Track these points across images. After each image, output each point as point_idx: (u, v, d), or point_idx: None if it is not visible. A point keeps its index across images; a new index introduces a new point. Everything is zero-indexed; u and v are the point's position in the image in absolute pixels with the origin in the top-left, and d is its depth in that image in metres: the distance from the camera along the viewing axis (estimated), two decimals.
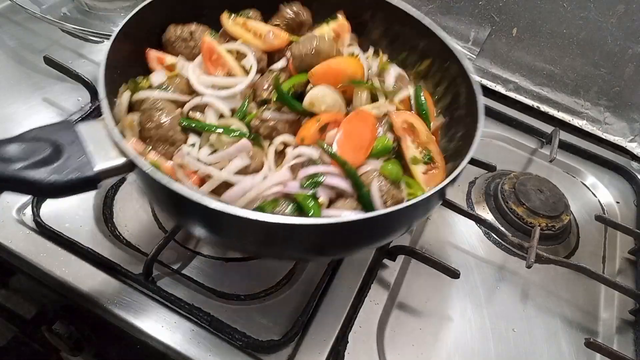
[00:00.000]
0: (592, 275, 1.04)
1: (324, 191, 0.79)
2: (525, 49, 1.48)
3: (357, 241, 0.78)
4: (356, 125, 0.87)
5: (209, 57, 0.93)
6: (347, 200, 0.80)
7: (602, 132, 1.53)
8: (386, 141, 0.86)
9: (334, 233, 0.70)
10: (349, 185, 0.80)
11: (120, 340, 0.98)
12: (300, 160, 0.82)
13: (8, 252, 0.91)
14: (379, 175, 0.81)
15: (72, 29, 1.26)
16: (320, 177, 0.79)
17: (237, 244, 0.85)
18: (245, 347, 0.85)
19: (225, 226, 0.72)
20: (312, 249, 0.78)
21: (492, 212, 1.20)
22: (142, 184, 0.75)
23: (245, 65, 0.93)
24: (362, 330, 0.92)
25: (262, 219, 0.64)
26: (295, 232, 0.68)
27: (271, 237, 0.72)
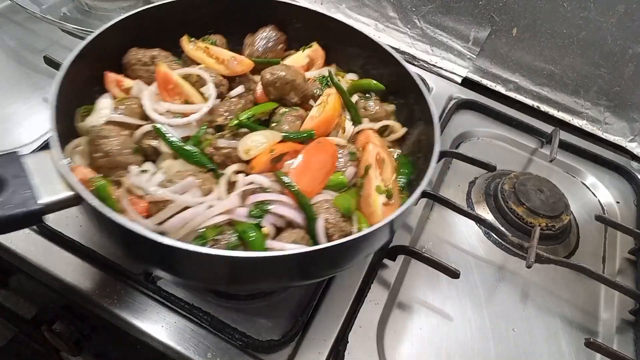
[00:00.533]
0: (592, 275, 1.04)
1: (272, 220, 0.79)
2: (525, 49, 1.48)
3: (294, 274, 0.77)
4: (316, 154, 0.87)
5: (164, 86, 0.91)
6: (295, 231, 0.79)
7: (602, 132, 1.53)
8: (340, 177, 0.87)
9: (261, 266, 0.69)
10: (299, 215, 0.80)
11: (120, 340, 0.98)
12: (251, 187, 0.81)
13: (8, 252, 0.91)
14: (329, 207, 0.81)
15: (72, 29, 1.26)
16: (269, 206, 0.79)
17: (179, 276, 0.82)
18: (245, 347, 0.85)
19: (165, 258, 0.71)
20: (252, 281, 0.76)
21: (492, 212, 1.20)
22: (88, 216, 0.73)
23: (205, 92, 0.92)
24: (362, 330, 0.92)
25: (186, 248, 0.63)
26: (217, 263, 0.67)
27: (203, 268, 0.71)
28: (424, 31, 1.58)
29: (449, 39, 1.57)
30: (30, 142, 1.08)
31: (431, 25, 1.57)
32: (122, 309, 0.87)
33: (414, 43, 1.62)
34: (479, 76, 1.59)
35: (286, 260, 0.68)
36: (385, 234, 0.81)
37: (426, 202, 1.17)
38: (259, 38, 1.05)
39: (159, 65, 0.92)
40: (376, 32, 1.64)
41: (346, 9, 1.65)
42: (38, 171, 0.69)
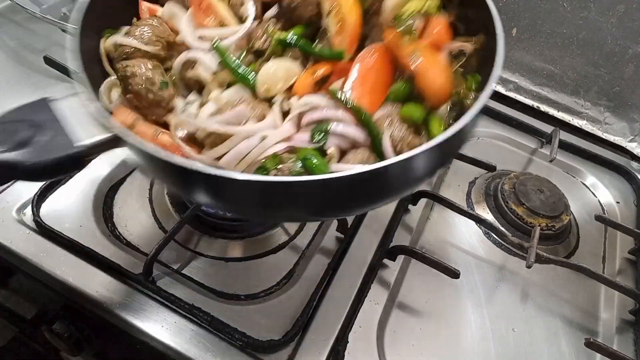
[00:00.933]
0: (592, 275, 1.04)
1: (335, 141, 0.72)
2: (525, 49, 1.48)
3: (368, 196, 0.69)
4: (372, 63, 0.77)
5: (198, 4, 0.84)
6: (360, 151, 0.72)
7: (602, 132, 1.53)
8: (402, 88, 0.77)
9: (336, 189, 0.63)
10: (361, 133, 0.72)
11: (120, 340, 0.98)
12: (307, 109, 0.74)
13: (8, 252, 0.91)
14: (393, 120, 0.73)
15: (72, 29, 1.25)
16: (328, 125, 0.72)
17: (243, 209, 0.77)
18: (245, 347, 0.85)
19: (224, 191, 0.67)
20: (329, 206, 0.71)
21: (492, 212, 1.20)
22: (135, 156, 0.69)
23: (243, 12, 0.84)
24: (362, 330, 0.92)
25: (251, 179, 0.59)
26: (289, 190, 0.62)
27: (269, 197, 0.66)
28: None
29: None
30: None
31: None
32: (122, 309, 0.87)
33: None
34: None
35: (354, 179, 0.61)
36: (460, 142, 0.75)
37: (426, 202, 1.17)
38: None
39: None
40: None
41: None
42: (72, 116, 0.67)
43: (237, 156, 0.69)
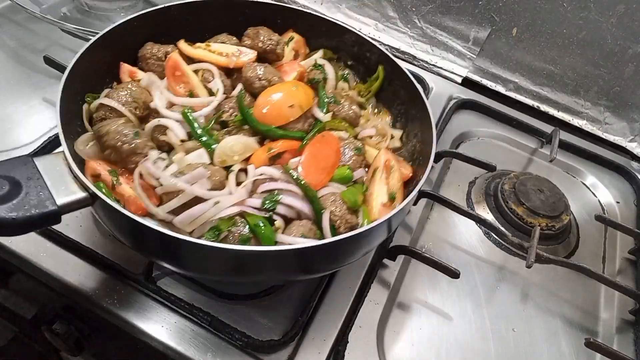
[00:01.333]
0: (592, 275, 1.04)
1: (282, 210, 0.81)
2: (525, 49, 1.48)
3: (300, 268, 0.80)
4: (321, 148, 0.89)
5: (172, 72, 0.96)
6: (303, 223, 0.81)
7: (602, 132, 1.53)
8: (346, 171, 0.89)
9: (268, 260, 0.72)
10: (307, 206, 0.82)
11: (120, 340, 0.98)
12: (261, 178, 0.83)
13: (8, 252, 0.91)
14: (335, 200, 0.83)
15: (72, 29, 1.26)
16: (279, 196, 0.81)
17: (185, 269, 0.85)
18: (245, 347, 0.85)
19: (175, 251, 0.73)
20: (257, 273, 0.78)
21: (492, 212, 1.20)
22: (102, 214, 0.75)
23: (212, 87, 0.96)
24: (362, 330, 0.92)
25: (194, 242, 0.66)
26: (224, 256, 0.70)
27: (210, 260, 0.74)
28: (424, 31, 1.58)
29: (449, 39, 1.57)
30: (31, 142, 1.08)
31: (431, 25, 1.57)
32: (122, 309, 0.87)
33: (414, 43, 1.62)
34: (479, 76, 1.59)
35: (293, 254, 0.70)
36: (384, 231, 0.83)
37: (426, 202, 1.17)
38: (262, 34, 1.06)
39: (172, 53, 0.98)
40: (376, 32, 1.64)
41: (346, 9, 1.65)
42: (51, 173, 0.71)
43: (190, 218, 0.77)
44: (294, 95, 0.92)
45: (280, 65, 1.08)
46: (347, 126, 0.99)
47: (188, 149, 0.88)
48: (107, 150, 0.82)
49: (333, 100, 1.00)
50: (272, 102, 0.91)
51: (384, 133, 1.04)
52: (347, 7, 1.64)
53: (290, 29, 1.15)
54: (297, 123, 0.93)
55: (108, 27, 0.94)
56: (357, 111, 1.02)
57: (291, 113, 0.91)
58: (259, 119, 0.91)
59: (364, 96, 1.10)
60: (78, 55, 0.87)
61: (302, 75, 1.06)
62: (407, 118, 1.06)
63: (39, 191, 0.68)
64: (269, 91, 0.94)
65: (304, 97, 0.94)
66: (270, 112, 0.91)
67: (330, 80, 1.07)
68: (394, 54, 1.62)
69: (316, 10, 1.67)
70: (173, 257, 0.77)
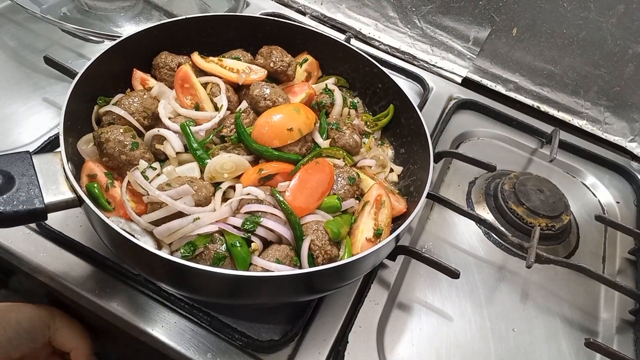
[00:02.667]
0: (592, 275, 1.04)
1: (262, 233, 0.81)
2: (525, 49, 1.48)
3: (269, 294, 0.78)
4: (313, 174, 0.89)
5: (181, 84, 0.98)
6: (281, 247, 0.80)
7: (602, 132, 1.53)
8: (335, 201, 0.88)
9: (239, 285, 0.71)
10: (288, 231, 0.82)
11: (120, 340, 0.98)
12: (247, 198, 0.83)
13: (8, 252, 0.91)
14: (317, 229, 0.82)
15: (72, 29, 1.26)
16: (260, 218, 0.80)
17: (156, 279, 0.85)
18: (245, 347, 0.85)
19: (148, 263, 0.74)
20: (225, 295, 0.79)
21: (492, 212, 1.20)
22: (88, 217, 0.77)
23: (217, 102, 0.97)
24: (362, 330, 0.92)
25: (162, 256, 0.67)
26: (186, 275, 0.70)
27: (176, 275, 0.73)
28: (424, 31, 1.58)
29: (449, 39, 1.57)
30: (30, 142, 1.08)
31: (431, 25, 1.57)
32: (122, 308, 0.87)
33: (414, 43, 1.62)
34: (479, 76, 1.59)
35: (258, 281, 0.70)
36: (362, 267, 0.81)
37: (426, 202, 1.17)
38: (275, 55, 1.06)
39: (183, 65, 1.00)
40: (376, 32, 1.64)
41: (346, 9, 1.65)
42: (46, 171, 0.73)
43: (168, 231, 0.77)
44: (294, 118, 0.91)
45: (291, 86, 1.08)
46: (344, 154, 0.97)
47: (182, 160, 0.89)
48: (104, 157, 0.84)
49: (335, 127, 0.99)
50: (271, 123, 0.91)
51: (384, 164, 1.03)
52: (347, 7, 1.64)
53: (305, 51, 1.15)
54: (294, 146, 0.92)
55: (128, 34, 0.97)
56: (357, 140, 1.00)
57: (289, 136, 0.90)
58: (257, 139, 0.90)
59: (370, 127, 1.09)
60: (93, 60, 0.89)
61: (311, 98, 1.05)
62: (409, 154, 1.05)
63: (30, 188, 0.70)
64: (271, 112, 0.93)
65: (305, 121, 0.92)
66: (269, 132, 0.90)
67: (337, 106, 1.05)
68: (394, 53, 1.62)
69: (316, 11, 1.67)
70: (144, 266, 0.77)
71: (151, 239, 0.79)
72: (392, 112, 1.07)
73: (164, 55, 1.03)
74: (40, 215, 0.70)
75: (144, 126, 0.92)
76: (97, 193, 0.80)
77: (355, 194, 0.93)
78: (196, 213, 0.78)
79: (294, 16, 1.61)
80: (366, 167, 1.01)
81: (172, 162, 0.89)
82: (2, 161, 0.71)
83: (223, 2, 1.60)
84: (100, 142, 0.83)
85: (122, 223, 0.80)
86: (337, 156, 0.96)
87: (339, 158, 0.96)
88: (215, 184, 0.86)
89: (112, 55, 0.93)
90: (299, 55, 1.15)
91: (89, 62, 0.88)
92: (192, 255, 0.76)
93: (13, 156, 0.73)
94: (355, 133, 1.00)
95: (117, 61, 0.96)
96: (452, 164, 1.31)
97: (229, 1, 1.60)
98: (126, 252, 0.75)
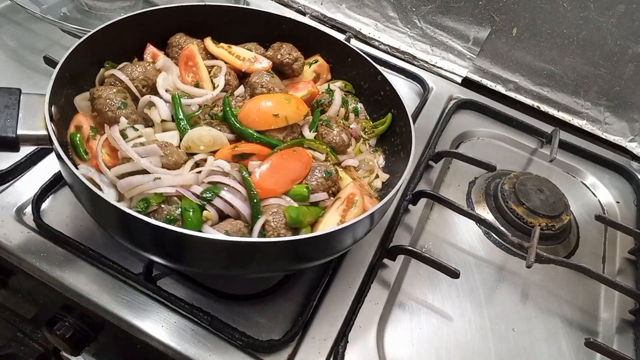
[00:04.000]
0: (592, 275, 1.04)
1: (220, 205, 0.80)
2: (525, 49, 1.49)
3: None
4: (288, 160, 0.88)
5: (185, 61, 1.02)
6: (236, 222, 0.80)
7: (602, 132, 1.53)
8: (303, 189, 0.87)
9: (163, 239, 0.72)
10: (246, 208, 0.82)
11: (120, 340, 0.98)
12: (215, 169, 0.83)
13: (8, 252, 0.91)
14: (277, 211, 0.81)
15: (72, 29, 1.26)
16: (221, 190, 0.80)
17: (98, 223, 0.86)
18: (245, 347, 0.85)
19: (95, 205, 0.77)
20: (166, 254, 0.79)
21: (492, 212, 1.20)
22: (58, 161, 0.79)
23: (215, 82, 1.01)
24: (362, 330, 0.92)
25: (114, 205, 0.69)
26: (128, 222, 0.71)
27: (120, 222, 0.75)
28: (424, 31, 1.58)
29: (449, 38, 1.57)
30: None
31: (431, 25, 1.57)
32: (122, 309, 0.87)
33: (414, 43, 1.62)
34: (479, 76, 1.59)
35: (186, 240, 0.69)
36: (288, 251, 0.79)
37: (426, 202, 1.17)
38: (284, 48, 1.08)
39: (190, 44, 1.03)
40: (376, 32, 1.64)
41: (346, 9, 1.65)
42: (29, 108, 0.79)
43: (129, 185, 0.80)
44: (283, 106, 0.92)
45: (297, 82, 1.09)
46: (328, 150, 0.96)
47: (166, 128, 0.92)
48: (94, 112, 0.89)
49: (325, 124, 0.99)
50: (258, 107, 0.92)
51: (372, 169, 1.02)
52: (347, 7, 1.64)
53: (318, 53, 1.16)
54: (279, 132, 0.92)
55: (154, 8, 1.02)
56: (344, 139, 0.99)
57: (274, 121, 0.91)
58: (242, 120, 0.92)
59: (367, 133, 1.08)
60: (110, 22, 0.94)
61: (312, 96, 1.05)
62: (396, 164, 1.03)
63: (8, 119, 0.77)
64: (262, 97, 0.95)
65: (294, 110, 0.93)
66: (254, 115, 0.91)
67: (334, 105, 1.05)
68: (394, 53, 1.62)
69: (316, 11, 1.67)
70: (92, 208, 0.80)
71: (115, 192, 0.81)
72: (390, 121, 1.07)
73: (178, 35, 1.06)
74: (10, 143, 0.77)
75: (141, 94, 0.95)
76: (77, 142, 0.85)
77: (331, 190, 0.91)
78: (159, 173, 0.80)
79: (294, 16, 1.61)
80: (351, 167, 1.00)
81: (157, 128, 0.92)
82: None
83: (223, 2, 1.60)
84: (93, 98, 0.89)
85: (92, 172, 0.82)
86: (319, 150, 0.96)
87: (321, 152, 0.96)
88: (192, 155, 0.88)
89: (129, 24, 0.98)
90: (312, 56, 1.16)
91: (106, 24, 0.94)
92: (144, 212, 0.77)
93: (3, 90, 0.79)
94: (344, 132, 0.99)
95: (133, 31, 1.01)
96: (452, 164, 1.31)
97: (228, 1, 1.60)
98: (78, 194, 0.79)
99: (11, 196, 0.98)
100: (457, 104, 1.44)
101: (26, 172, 1.02)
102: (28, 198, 0.98)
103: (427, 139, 1.32)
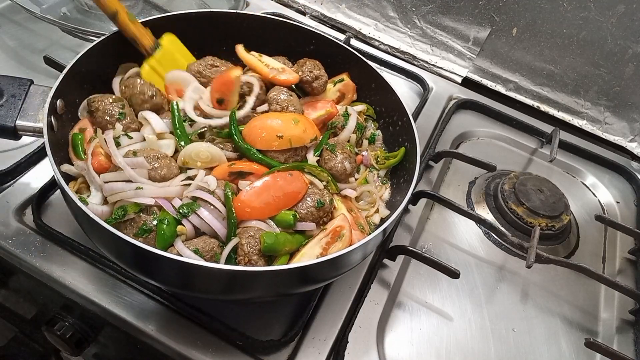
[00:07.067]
0: (592, 275, 1.04)
1: (197, 221, 0.79)
2: (525, 49, 1.49)
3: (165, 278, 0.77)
4: (282, 183, 0.84)
5: (221, 82, 0.96)
6: (209, 241, 0.78)
7: (602, 132, 1.53)
8: (288, 217, 0.83)
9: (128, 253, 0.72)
10: (222, 228, 0.80)
11: (120, 340, 0.98)
12: (202, 185, 0.83)
13: (8, 253, 0.91)
14: (253, 236, 0.78)
15: (72, 29, 1.26)
16: (199, 207, 0.79)
17: None
18: (245, 347, 0.85)
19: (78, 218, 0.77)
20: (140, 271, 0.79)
21: (492, 212, 1.20)
22: None
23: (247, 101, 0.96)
24: (362, 330, 0.92)
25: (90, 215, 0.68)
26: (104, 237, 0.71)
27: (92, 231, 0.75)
28: (424, 31, 1.58)
29: (449, 38, 1.57)
30: (31, 142, 1.08)
31: (431, 25, 1.57)
32: (122, 309, 0.87)
33: (414, 43, 1.62)
34: (479, 76, 1.59)
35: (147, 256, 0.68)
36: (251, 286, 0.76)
37: (426, 202, 1.17)
38: (307, 66, 1.05)
39: (234, 70, 0.97)
40: (376, 32, 1.64)
41: (346, 9, 1.65)
42: (34, 99, 0.82)
43: (111, 190, 0.80)
44: (289, 127, 0.89)
45: (317, 101, 1.05)
46: (327, 176, 0.92)
47: (164, 137, 0.92)
48: (94, 125, 0.91)
49: (330, 148, 0.95)
50: (263, 125, 0.90)
51: (373, 202, 0.98)
52: (347, 6, 1.64)
53: (345, 72, 1.13)
54: (281, 154, 0.90)
55: (176, 12, 1.05)
56: (346, 167, 0.93)
57: (277, 142, 0.88)
58: (245, 136, 0.89)
59: (378, 164, 1.04)
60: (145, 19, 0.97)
61: (330, 116, 1.02)
62: (398, 201, 0.97)
63: (11, 108, 0.80)
64: (269, 115, 0.93)
65: (299, 134, 0.90)
66: (257, 133, 0.89)
67: (346, 130, 1.01)
68: (394, 53, 1.63)
69: (316, 10, 1.67)
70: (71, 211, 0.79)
71: (101, 195, 0.82)
72: (402, 155, 1.02)
73: (210, 59, 1.03)
74: (8, 131, 0.80)
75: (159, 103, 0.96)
76: (77, 142, 0.86)
77: (322, 220, 0.87)
78: (141, 183, 0.80)
79: (294, 16, 1.61)
80: (349, 197, 0.95)
81: (150, 142, 0.90)
82: (5, 81, 0.82)
83: (223, 2, 1.61)
84: (91, 111, 0.90)
85: (85, 171, 0.84)
86: (319, 176, 0.92)
87: (321, 180, 0.92)
88: (186, 169, 0.87)
89: (163, 25, 1.00)
90: (339, 74, 1.12)
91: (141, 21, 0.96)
92: (120, 219, 0.77)
93: (15, 79, 0.83)
94: (347, 160, 0.94)
95: (162, 33, 1.01)
96: (452, 164, 1.31)
97: (228, 1, 1.60)
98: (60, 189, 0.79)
99: (11, 196, 0.98)
100: (457, 103, 1.44)
101: (26, 172, 1.02)
102: (28, 198, 0.98)
103: (427, 139, 1.32)
